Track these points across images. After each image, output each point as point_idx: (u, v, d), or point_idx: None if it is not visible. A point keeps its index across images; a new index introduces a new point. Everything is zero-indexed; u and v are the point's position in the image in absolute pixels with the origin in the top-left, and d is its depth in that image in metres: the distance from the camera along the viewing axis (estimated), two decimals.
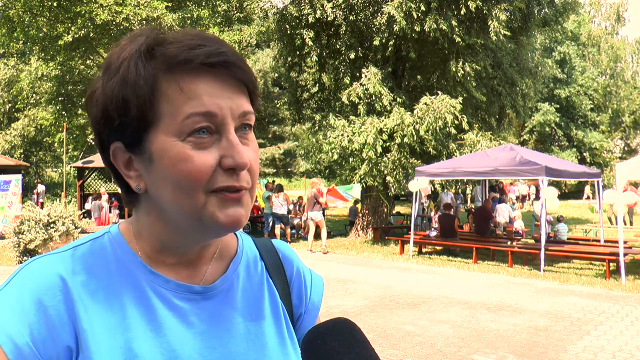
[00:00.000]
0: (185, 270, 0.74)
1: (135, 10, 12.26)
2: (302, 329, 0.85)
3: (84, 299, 0.67)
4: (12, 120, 27.04)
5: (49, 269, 0.67)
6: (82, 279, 0.68)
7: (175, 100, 0.65)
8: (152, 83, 0.65)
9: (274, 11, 14.67)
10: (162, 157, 0.66)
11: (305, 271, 0.89)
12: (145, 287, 0.71)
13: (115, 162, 0.70)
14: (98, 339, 0.65)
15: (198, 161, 0.64)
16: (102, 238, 0.74)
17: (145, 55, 0.66)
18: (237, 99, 0.68)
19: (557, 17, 15.92)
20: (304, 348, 0.69)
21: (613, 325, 6.22)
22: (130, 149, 0.68)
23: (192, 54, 0.65)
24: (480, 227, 12.08)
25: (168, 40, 0.67)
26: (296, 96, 15.71)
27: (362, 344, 0.68)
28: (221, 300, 0.75)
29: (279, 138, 29.25)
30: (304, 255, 11.62)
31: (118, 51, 0.69)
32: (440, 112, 11.89)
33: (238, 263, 0.80)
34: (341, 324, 0.70)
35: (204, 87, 0.65)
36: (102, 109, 0.67)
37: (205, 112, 0.65)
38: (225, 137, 0.66)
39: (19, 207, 13.51)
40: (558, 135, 33.26)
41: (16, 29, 14.07)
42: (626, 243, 10.32)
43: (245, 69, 0.69)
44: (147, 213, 0.72)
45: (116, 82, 0.66)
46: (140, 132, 0.66)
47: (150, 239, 0.73)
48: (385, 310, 6.88)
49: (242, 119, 0.69)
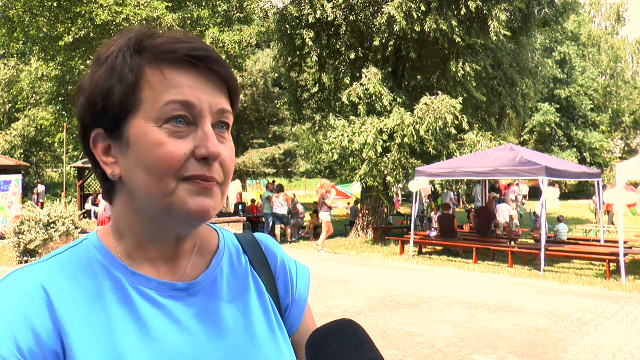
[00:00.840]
0: (165, 266, 0.74)
1: (135, 10, 12.26)
2: (290, 320, 0.85)
3: (66, 305, 0.67)
4: (12, 120, 27.02)
5: (29, 278, 0.68)
6: (64, 286, 0.68)
7: (157, 87, 0.67)
8: (137, 71, 0.68)
9: (274, 11, 14.68)
10: (137, 142, 0.67)
11: (289, 262, 0.89)
12: (128, 288, 0.71)
13: (95, 149, 0.71)
14: (84, 343, 0.65)
15: (172, 147, 0.66)
16: (81, 245, 0.74)
17: (134, 47, 0.69)
18: (217, 96, 0.70)
19: (557, 17, 15.91)
20: (309, 349, 0.69)
21: (613, 325, 6.22)
22: (110, 133, 0.70)
23: (177, 46, 0.68)
24: (482, 227, 12.08)
25: (157, 35, 0.70)
26: (296, 96, 15.71)
27: (366, 345, 0.68)
28: (206, 295, 0.75)
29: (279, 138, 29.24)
30: (308, 254, 11.62)
31: (108, 45, 0.71)
32: (440, 112, 11.89)
33: (220, 257, 0.80)
34: (345, 325, 0.70)
35: (185, 79, 0.68)
36: (88, 95, 0.70)
37: (184, 100, 0.67)
38: (201, 128, 0.68)
39: (19, 207, 13.50)
40: (558, 135, 33.24)
41: (16, 29, 14.05)
42: (626, 243, 10.33)
43: (227, 68, 0.71)
44: (123, 203, 0.73)
45: (103, 70, 0.69)
46: (120, 116, 0.68)
47: (128, 233, 0.73)
48: (385, 310, 6.87)
49: (219, 115, 0.70)
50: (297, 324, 0.86)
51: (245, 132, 26.19)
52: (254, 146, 26.23)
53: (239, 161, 23.30)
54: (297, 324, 0.86)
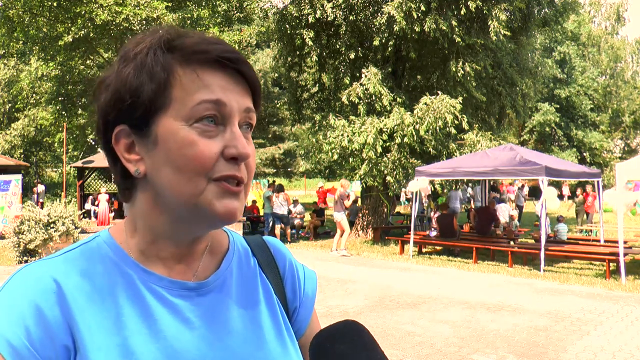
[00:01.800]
0: (178, 265, 0.75)
1: (135, 10, 12.26)
2: (298, 322, 0.86)
3: (78, 300, 0.67)
4: (12, 120, 27.02)
5: (42, 272, 0.68)
6: (76, 281, 0.69)
7: (189, 87, 0.68)
8: (169, 70, 0.69)
9: (274, 11, 14.68)
10: (167, 140, 0.68)
11: (297, 265, 0.90)
12: (139, 285, 0.71)
13: (117, 145, 0.71)
14: (94, 338, 0.66)
15: (203, 147, 0.67)
16: (92, 242, 0.74)
17: (165, 45, 0.70)
18: (244, 96, 0.72)
19: (557, 17, 15.92)
20: (313, 351, 0.69)
21: (613, 325, 6.22)
22: (136, 130, 0.70)
23: (210, 47, 0.69)
24: (483, 227, 12.08)
25: (188, 35, 0.71)
26: (296, 96, 15.72)
27: (370, 346, 0.68)
28: (216, 295, 0.76)
29: (279, 138, 29.24)
30: (308, 254, 11.62)
31: (135, 42, 0.72)
32: (440, 112, 11.88)
33: (231, 259, 0.81)
34: (350, 327, 0.70)
35: (216, 79, 0.69)
36: (114, 91, 0.70)
37: (216, 99, 0.68)
38: (230, 129, 0.70)
39: (19, 207, 13.50)
40: (558, 135, 33.24)
41: (16, 29, 14.06)
42: (626, 243, 10.33)
43: (253, 71, 0.73)
44: (144, 201, 0.73)
45: (132, 67, 0.69)
46: (149, 114, 0.69)
47: (144, 230, 0.74)
48: (385, 310, 6.87)
49: (246, 115, 0.72)
50: (305, 326, 0.87)
51: None
52: (254, 146, 26.27)
53: None
54: (305, 327, 0.87)
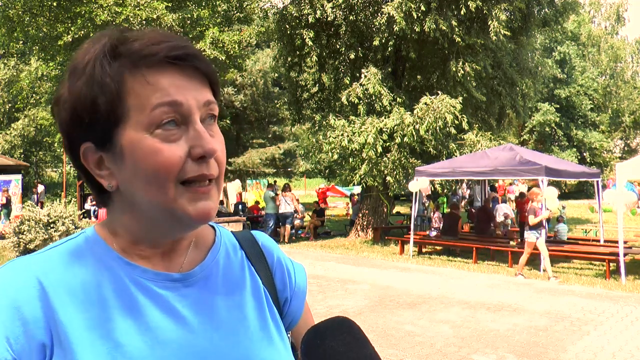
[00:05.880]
0: (162, 262, 0.75)
1: (135, 11, 12.24)
2: (291, 313, 0.87)
3: (61, 295, 0.67)
4: (12, 120, 27.01)
5: (23, 269, 0.68)
6: (60, 276, 0.69)
7: (142, 93, 0.67)
8: (118, 80, 0.67)
9: (274, 11, 14.68)
10: (133, 152, 0.67)
11: (286, 259, 0.91)
12: (124, 278, 0.72)
13: (86, 162, 0.71)
14: (79, 332, 0.66)
15: (168, 153, 0.67)
16: (78, 238, 0.75)
17: (110, 54, 0.68)
18: (201, 90, 0.70)
19: (557, 17, 15.90)
20: (304, 347, 0.69)
21: (613, 325, 6.22)
22: (101, 147, 0.69)
23: (155, 48, 0.67)
24: (481, 227, 12.08)
25: (131, 39, 0.69)
26: (296, 96, 15.71)
27: (362, 342, 0.68)
28: (202, 286, 0.76)
29: (279, 138, 29.19)
30: (308, 254, 11.61)
31: (82, 54, 0.70)
32: (440, 112, 11.88)
33: (217, 251, 0.81)
34: (340, 323, 0.70)
35: (168, 80, 0.68)
36: (71, 110, 0.69)
37: (171, 101, 0.67)
38: (192, 128, 0.69)
39: (19, 207, 13.50)
40: (558, 135, 33.20)
41: (16, 28, 14.04)
42: (626, 243, 10.32)
43: (206, 63, 0.71)
44: (121, 211, 0.73)
45: (83, 82, 0.68)
46: (110, 128, 0.68)
47: (125, 234, 0.74)
48: (385, 310, 6.87)
49: (206, 108, 0.71)
50: (298, 317, 0.88)
51: (245, 132, 26.16)
52: (254, 146, 26.18)
53: (239, 161, 23.27)
54: (298, 318, 0.88)
